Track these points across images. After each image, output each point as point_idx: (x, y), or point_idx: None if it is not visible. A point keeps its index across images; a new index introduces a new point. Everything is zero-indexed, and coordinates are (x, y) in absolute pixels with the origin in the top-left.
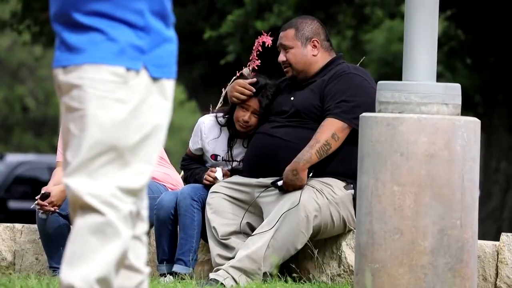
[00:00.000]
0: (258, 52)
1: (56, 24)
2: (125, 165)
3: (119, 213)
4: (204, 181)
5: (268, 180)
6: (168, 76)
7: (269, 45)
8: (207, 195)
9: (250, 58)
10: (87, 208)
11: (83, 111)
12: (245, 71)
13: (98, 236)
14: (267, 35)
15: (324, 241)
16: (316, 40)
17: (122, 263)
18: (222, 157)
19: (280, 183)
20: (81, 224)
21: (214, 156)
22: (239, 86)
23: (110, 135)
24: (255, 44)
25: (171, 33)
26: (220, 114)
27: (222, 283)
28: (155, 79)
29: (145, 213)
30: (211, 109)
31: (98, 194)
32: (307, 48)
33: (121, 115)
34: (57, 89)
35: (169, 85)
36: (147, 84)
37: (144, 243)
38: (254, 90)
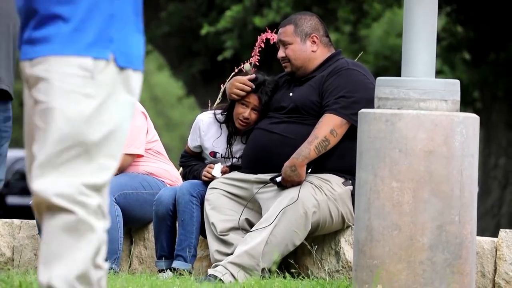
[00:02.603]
0: (260, 49)
1: (23, 16)
2: (90, 160)
3: (89, 209)
4: (203, 178)
5: (266, 176)
6: (135, 67)
7: (273, 41)
8: (206, 191)
9: (252, 55)
10: (56, 209)
11: (49, 103)
12: (246, 66)
13: (71, 234)
14: (271, 33)
15: (322, 237)
16: (315, 36)
17: (102, 256)
18: (221, 154)
19: (278, 179)
20: (52, 224)
21: (213, 154)
22: (238, 82)
23: (78, 130)
24: (258, 41)
25: (140, 26)
26: (219, 111)
27: (220, 279)
28: (121, 68)
29: (106, 210)
30: (209, 105)
31: (65, 194)
32: (306, 44)
33: (89, 110)
34: (24, 83)
35: (135, 77)
36: (114, 77)
37: (104, 240)
38: (254, 86)
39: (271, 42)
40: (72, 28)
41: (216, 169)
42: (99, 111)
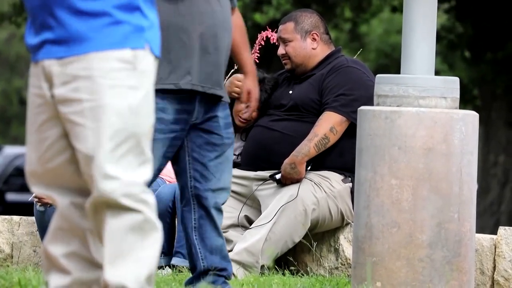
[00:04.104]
0: (260, 46)
1: (42, 15)
2: (142, 153)
3: (150, 206)
4: None
5: (266, 173)
6: (159, 56)
7: (273, 41)
8: None
9: (252, 52)
10: (122, 209)
11: (96, 101)
12: None
13: (138, 234)
14: (271, 31)
15: (322, 234)
16: (316, 33)
17: None
18: None
19: (278, 176)
20: (117, 224)
21: None
22: (238, 81)
23: (129, 123)
24: (258, 38)
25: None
26: None
27: None
28: (155, 57)
29: None
30: None
31: (132, 194)
32: (306, 41)
33: (136, 102)
34: (43, 82)
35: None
36: (153, 65)
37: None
38: None
39: (271, 42)
40: (105, 23)
41: None
42: (145, 101)
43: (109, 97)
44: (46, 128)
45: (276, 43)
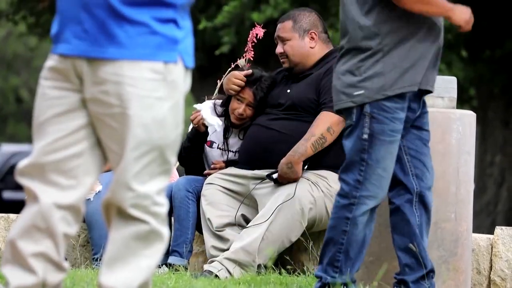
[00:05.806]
0: (253, 43)
1: (83, 12)
2: (165, 162)
3: (160, 218)
4: (195, 127)
5: (263, 172)
6: (191, 66)
7: (261, 37)
8: (202, 186)
9: (246, 49)
10: (130, 218)
11: (124, 109)
12: (241, 62)
13: (141, 242)
14: (260, 27)
15: (318, 233)
16: (314, 32)
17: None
18: (218, 144)
19: (275, 175)
20: (123, 230)
21: (210, 143)
22: (235, 78)
23: (154, 135)
24: (250, 36)
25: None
26: (219, 102)
27: (216, 275)
28: (187, 69)
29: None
30: (206, 100)
31: (141, 205)
32: (304, 40)
33: (162, 114)
34: (66, 75)
35: (189, 76)
36: (183, 77)
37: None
38: (245, 80)
39: (259, 37)
40: (142, 32)
41: (205, 111)
42: (172, 113)
43: (136, 107)
44: (62, 120)
45: (275, 42)
